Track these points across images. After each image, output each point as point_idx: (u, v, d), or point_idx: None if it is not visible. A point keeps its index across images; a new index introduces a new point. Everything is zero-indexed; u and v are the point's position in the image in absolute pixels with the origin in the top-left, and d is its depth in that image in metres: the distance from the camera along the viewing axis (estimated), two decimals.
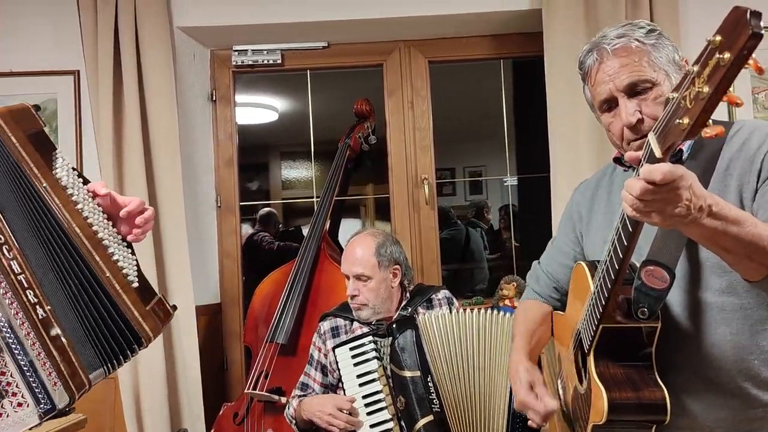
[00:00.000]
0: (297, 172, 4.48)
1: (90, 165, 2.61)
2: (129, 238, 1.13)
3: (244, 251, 3.00)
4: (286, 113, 4.01)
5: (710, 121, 0.80)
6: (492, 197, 4.07)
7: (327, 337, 2.06)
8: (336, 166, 2.70)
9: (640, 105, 1.16)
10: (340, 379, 1.91)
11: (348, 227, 3.11)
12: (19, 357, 0.85)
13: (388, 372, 1.82)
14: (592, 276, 1.18)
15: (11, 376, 0.85)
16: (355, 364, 1.88)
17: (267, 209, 4.01)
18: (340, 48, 2.91)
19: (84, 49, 2.55)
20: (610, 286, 1.05)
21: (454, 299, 2.12)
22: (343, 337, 2.00)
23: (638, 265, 1.10)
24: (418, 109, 2.91)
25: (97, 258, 1.00)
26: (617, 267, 1.02)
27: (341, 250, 2.81)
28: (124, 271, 1.03)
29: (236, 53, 2.86)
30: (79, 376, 0.90)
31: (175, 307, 1.11)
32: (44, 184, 0.97)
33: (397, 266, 2.07)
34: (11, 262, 0.88)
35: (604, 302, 1.07)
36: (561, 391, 1.40)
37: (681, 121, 0.80)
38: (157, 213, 2.55)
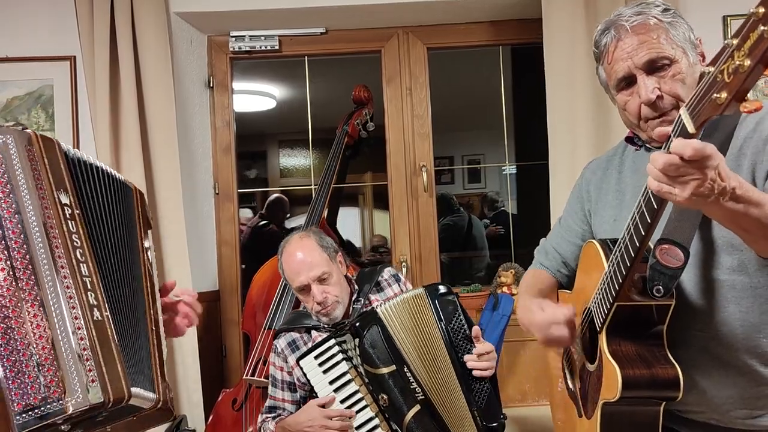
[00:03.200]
0: (295, 159, 4.47)
1: (87, 151, 2.58)
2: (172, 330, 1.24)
3: (249, 240, 2.99)
4: (284, 100, 4.00)
5: (748, 95, 0.78)
6: (490, 185, 4.08)
7: (286, 354, 1.96)
8: (334, 153, 2.69)
9: (659, 82, 1.15)
10: (312, 390, 1.84)
11: (346, 215, 3.11)
12: (65, 347, 0.87)
13: (361, 371, 1.77)
14: (606, 255, 1.18)
15: (53, 363, 0.87)
16: (325, 371, 1.80)
17: (276, 195, 4.00)
18: (338, 34, 2.90)
19: (80, 35, 2.53)
20: (628, 264, 1.05)
21: (399, 274, 2.08)
22: (304, 350, 1.90)
23: (652, 243, 1.10)
24: (416, 96, 2.90)
25: (151, 311, 1.08)
26: (637, 245, 1.02)
27: (339, 237, 2.82)
28: (162, 337, 1.09)
29: (233, 39, 2.84)
30: (119, 382, 0.91)
31: (173, 408, 1.13)
32: (141, 242, 1.12)
33: (339, 253, 2.00)
34: (81, 265, 0.94)
35: (621, 280, 1.07)
36: (567, 370, 1.41)
37: (719, 95, 0.78)
38: (155, 200, 2.54)
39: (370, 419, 1.77)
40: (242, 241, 3.05)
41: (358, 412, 1.78)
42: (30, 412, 0.85)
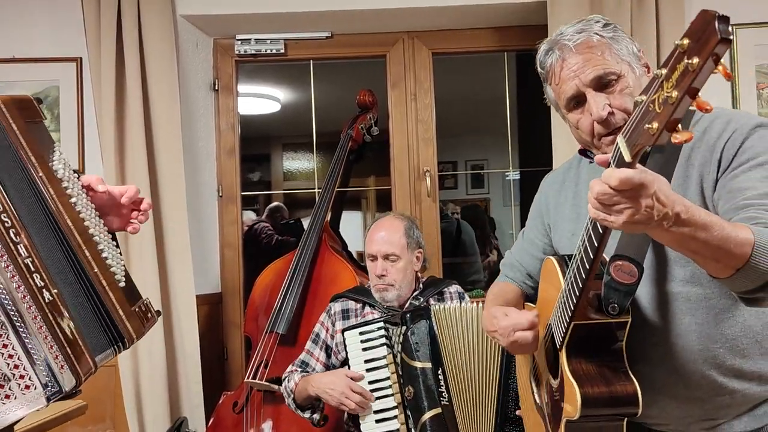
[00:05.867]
0: (299, 163, 4.48)
1: (92, 153, 2.61)
2: (129, 229, 1.16)
3: (245, 241, 3.01)
4: (289, 104, 4.01)
5: (679, 125, 0.79)
6: (494, 191, 4.08)
7: (336, 319, 2.06)
8: (338, 157, 2.70)
9: (608, 98, 1.16)
10: (345, 363, 1.91)
11: (349, 219, 3.11)
12: (26, 340, 0.85)
13: (398, 360, 1.82)
14: (562, 272, 1.18)
15: (19, 359, 0.86)
16: (364, 349, 1.87)
17: (276, 203, 4.02)
18: (344, 38, 2.90)
19: (86, 37, 2.54)
20: (581, 285, 1.05)
21: (465, 294, 2.13)
22: (353, 321, 2.00)
23: (607, 259, 1.10)
24: (420, 101, 2.90)
25: (87, 253, 1.00)
26: (588, 266, 1.02)
27: (342, 241, 2.82)
28: (112, 269, 1.04)
29: (239, 42, 2.85)
30: (85, 358, 0.91)
31: (159, 312, 1.12)
32: (40, 174, 0.97)
33: (421, 250, 2.10)
34: (18, 246, 0.88)
35: (575, 300, 1.07)
36: (535, 385, 1.40)
37: (650, 125, 0.79)
38: (159, 201, 2.55)
39: (391, 408, 1.82)
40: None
41: (381, 398, 1.83)
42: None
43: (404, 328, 1.82)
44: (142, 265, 2.48)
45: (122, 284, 1.04)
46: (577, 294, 1.06)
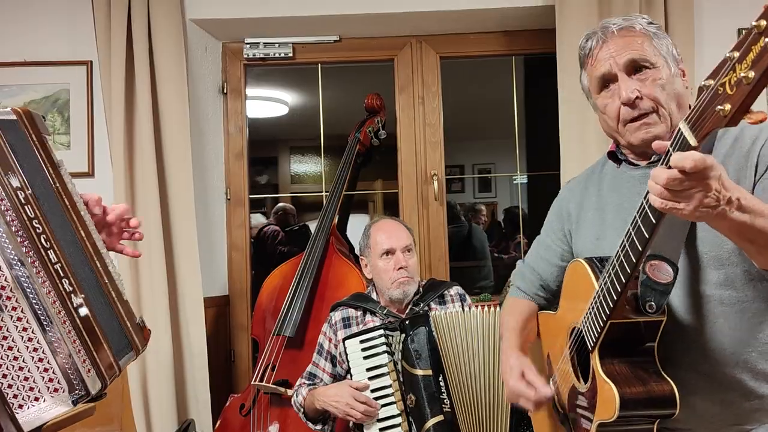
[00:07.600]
0: (306, 166, 4.48)
1: (101, 155, 2.62)
2: (117, 248, 1.17)
3: (254, 244, 3.01)
4: (297, 107, 4.02)
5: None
6: (501, 195, 4.06)
7: (338, 328, 2.05)
8: (345, 161, 2.70)
9: (639, 85, 1.17)
10: (348, 371, 1.91)
11: (357, 222, 3.11)
12: (55, 344, 0.87)
13: (399, 368, 1.81)
14: (594, 273, 1.17)
15: (48, 362, 0.87)
16: (365, 357, 1.86)
17: (283, 204, 4.02)
18: (352, 42, 2.91)
19: (97, 40, 2.56)
20: (624, 281, 1.04)
21: (467, 296, 2.12)
22: (354, 329, 1.99)
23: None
24: (428, 105, 2.90)
25: (98, 265, 1.02)
26: (634, 261, 1.01)
27: (350, 244, 2.83)
28: (116, 282, 1.05)
29: (248, 46, 2.86)
30: (110, 362, 0.92)
31: (149, 331, 1.12)
32: (57, 185, 0.99)
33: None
34: (49, 252, 0.89)
35: (615, 297, 1.06)
36: (555, 395, 1.39)
37: (723, 107, 0.79)
38: (167, 204, 2.56)
39: (394, 416, 1.81)
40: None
41: (384, 406, 1.82)
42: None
43: (403, 336, 1.81)
44: (151, 267, 2.49)
45: (125, 298, 1.06)
46: (619, 291, 1.06)
